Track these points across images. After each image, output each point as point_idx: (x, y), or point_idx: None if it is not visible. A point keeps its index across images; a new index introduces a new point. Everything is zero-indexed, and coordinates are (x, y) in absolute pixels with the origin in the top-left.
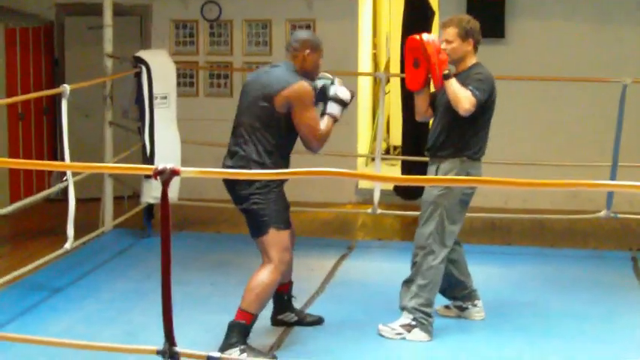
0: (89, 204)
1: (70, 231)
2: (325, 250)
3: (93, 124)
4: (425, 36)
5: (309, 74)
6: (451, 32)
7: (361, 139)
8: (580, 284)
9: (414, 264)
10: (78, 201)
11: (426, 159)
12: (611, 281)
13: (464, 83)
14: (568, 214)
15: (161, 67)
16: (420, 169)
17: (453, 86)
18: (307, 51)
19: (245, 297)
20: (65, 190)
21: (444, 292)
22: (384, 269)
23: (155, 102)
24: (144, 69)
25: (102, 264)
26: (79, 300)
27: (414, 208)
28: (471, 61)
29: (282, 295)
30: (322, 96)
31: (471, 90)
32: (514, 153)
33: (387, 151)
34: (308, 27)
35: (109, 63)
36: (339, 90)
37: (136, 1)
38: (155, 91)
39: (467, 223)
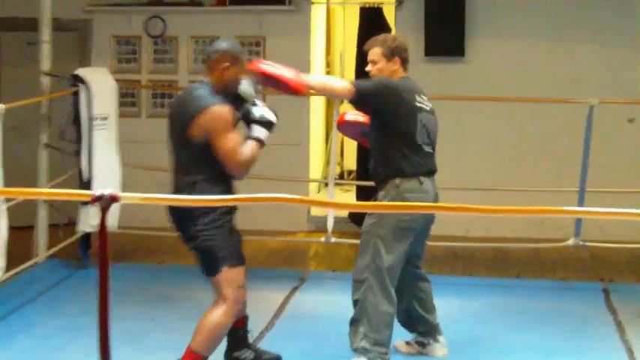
0: (21, 232)
1: (1, 261)
2: (275, 281)
3: (29, 145)
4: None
5: (229, 90)
6: (376, 52)
7: (313, 162)
8: (548, 317)
9: (355, 301)
10: (9, 229)
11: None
12: (581, 314)
13: None
14: (534, 242)
15: (101, 85)
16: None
17: (316, 79)
18: (226, 64)
19: (196, 337)
20: None
21: (404, 324)
22: (338, 302)
23: (94, 123)
24: (82, 88)
25: (35, 297)
26: (10, 336)
27: None
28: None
29: (237, 331)
30: (245, 119)
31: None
32: (474, 178)
33: (341, 176)
34: (257, 44)
35: (46, 81)
36: (263, 111)
37: (76, 15)
38: (94, 111)
39: (427, 253)
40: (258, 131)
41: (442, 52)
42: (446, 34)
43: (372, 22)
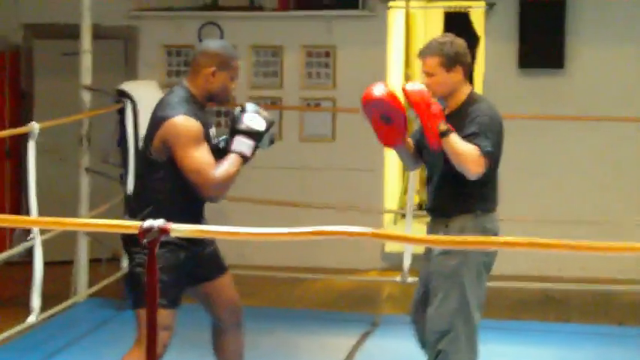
0: (59, 268)
1: (36, 301)
2: (343, 326)
3: (66, 170)
4: (409, 86)
5: (217, 99)
6: (431, 63)
7: (389, 191)
8: None
9: (436, 352)
10: (46, 264)
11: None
12: None
13: (462, 126)
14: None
15: (150, 101)
16: None
17: (455, 145)
18: (213, 68)
19: None
20: (30, 251)
21: None
22: (414, 351)
23: (142, 144)
24: (129, 104)
25: (74, 341)
26: None
27: None
28: (464, 92)
29: None
30: (231, 129)
31: (477, 145)
32: (567, 208)
33: (421, 207)
34: (326, 54)
35: (86, 97)
36: (249, 118)
37: (121, 22)
38: (142, 131)
39: (515, 295)
40: (241, 144)
41: (538, 63)
42: (543, 42)
43: (457, 29)
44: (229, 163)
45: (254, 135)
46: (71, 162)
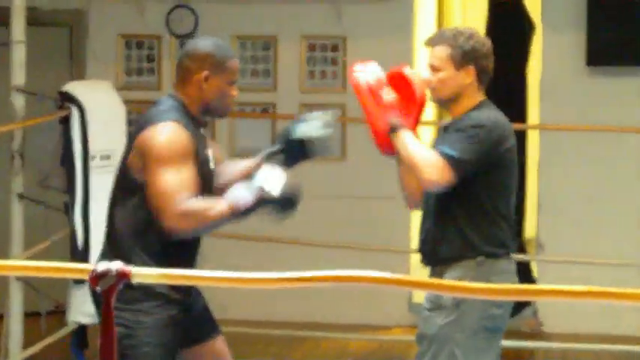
0: None
1: None
2: None
3: None
4: (407, 70)
5: (215, 110)
6: (440, 53)
7: (416, 224)
8: None
9: None
10: None
11: (521, 258)
12: None
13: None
14: None
15: (102, 108)
16: None
17: (406, 145)
18: (205, 73)
19: None
20: None
21: None
22: None
23: (92, 163)
24: (75, 111)
25: None
26: None
27: (503, 335)
28: (472, 101)
29: None
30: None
31: (440, 150)
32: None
33: None
34: (334, 48)
35: (19, 101)
36: (266, 175)
37: (64, 4)
38: (93, 146)
39: (587, 358)
40: (242, 194)
41: (612, 59)
42: (618, 33)
43: (506, 17)
44: (212, 206)
45: (261, 198)
46: None
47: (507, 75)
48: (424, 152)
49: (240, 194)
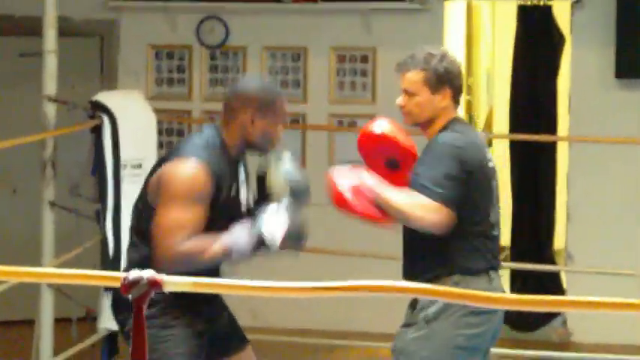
0: (17, 329)
1: None
2: None
3: (24, 205)
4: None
5: (257, 148)
6: (414, 78)
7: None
8: None
9: None
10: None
11: (550, 267)
12: None
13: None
14: None
15: (133, 118)
16: (540, 281)
17: (392, 204)
18: (251, 116)
19: None
20: None
21: None
22: None
23: (123, 172)
24: (106, 121)
25: None
26: None
27: (533, 344)
28: (445, 119)
29: None
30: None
31: (420, 189)
32: None
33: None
34: (364, 59)
35: (50, 110)
36: (268, 220)
37: (96, 14)
38: (124, 155)
39: None
40: (239, 238)
41: None
42: None
43: (536, 27)
44: (205, 249)
45: (259, 245)
46: (31, 194)
47: (537, 87)
48: (412, 201)
49: (239, 238)
